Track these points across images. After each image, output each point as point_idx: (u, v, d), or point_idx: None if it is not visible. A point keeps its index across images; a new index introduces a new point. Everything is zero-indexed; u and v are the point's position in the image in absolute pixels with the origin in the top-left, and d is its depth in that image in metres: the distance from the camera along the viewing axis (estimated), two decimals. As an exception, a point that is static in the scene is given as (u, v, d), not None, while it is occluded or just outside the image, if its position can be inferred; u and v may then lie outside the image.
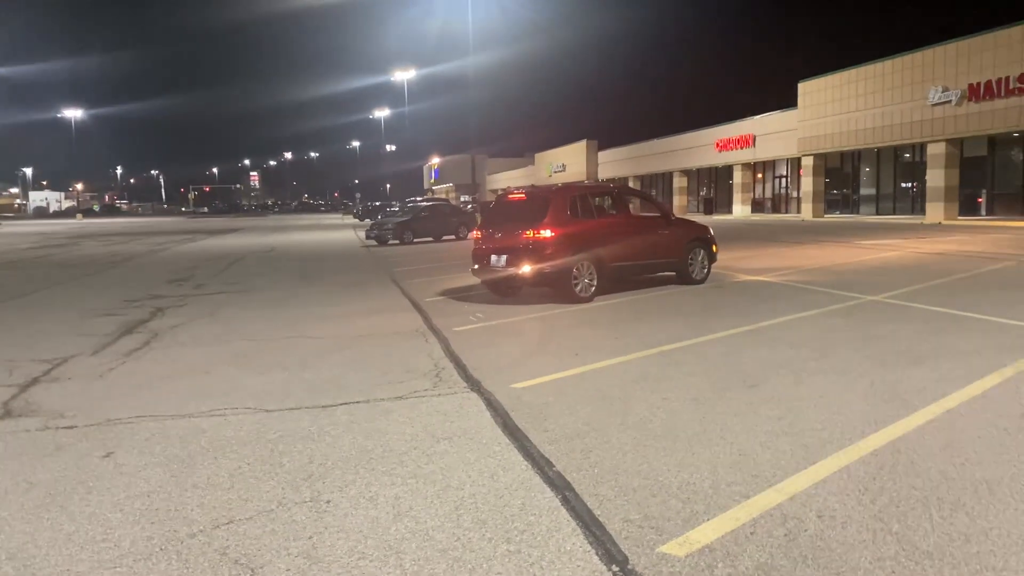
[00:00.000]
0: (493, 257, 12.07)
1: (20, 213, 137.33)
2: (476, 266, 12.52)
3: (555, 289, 11.84)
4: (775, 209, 49.90)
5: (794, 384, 6.51)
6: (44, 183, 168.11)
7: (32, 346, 9.42)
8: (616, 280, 12.64)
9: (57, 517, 4.16)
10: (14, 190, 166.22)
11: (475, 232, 12.87)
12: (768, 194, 51.43)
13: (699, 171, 58.30)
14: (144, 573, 3.48)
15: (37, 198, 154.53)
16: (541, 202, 12.02)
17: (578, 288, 11.69)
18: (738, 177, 52.11)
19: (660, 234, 13.29)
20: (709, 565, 3.40)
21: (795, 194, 47.71)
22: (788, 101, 46.42)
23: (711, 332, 8.94)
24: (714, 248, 14.06)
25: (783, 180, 49.93)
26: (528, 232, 11.69)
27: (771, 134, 48.15)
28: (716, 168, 55.64)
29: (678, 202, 58.72)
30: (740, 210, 51.48)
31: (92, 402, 6.66)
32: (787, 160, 48.17)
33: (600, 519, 3.90)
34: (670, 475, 4.49)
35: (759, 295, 12.25)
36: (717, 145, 53.44)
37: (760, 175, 52.01)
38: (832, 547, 3.53)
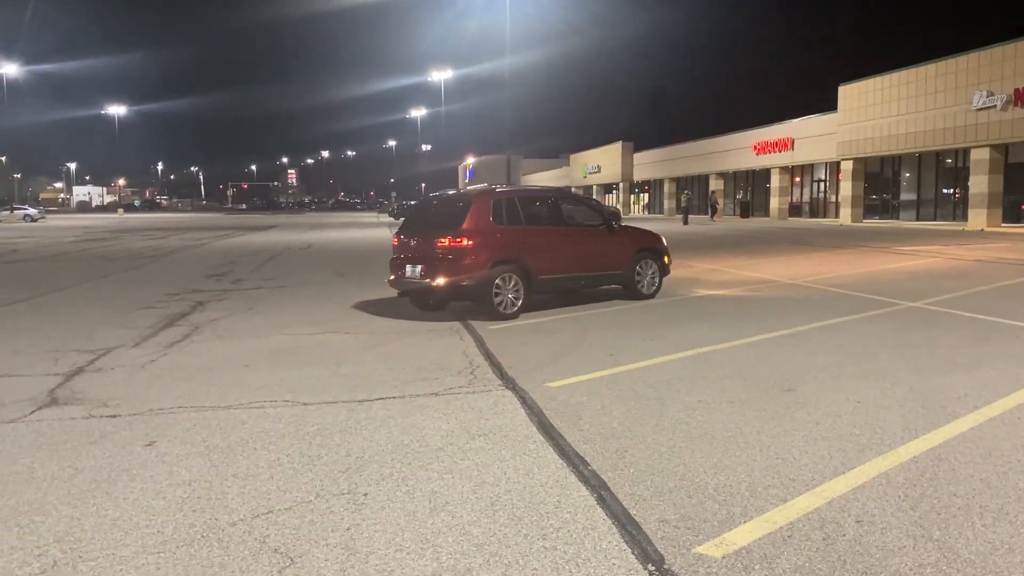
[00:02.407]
0: (408, 267, 10.84)
1: (64, 207, 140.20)
2: (392, 276, 11.24)
3: (475, 303, 10.74)
4: (813, 213, 49.33)
5: (832, 389, 6.45)
6: (87, 178, 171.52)
7: (76, 337, 9.62)
8: (547, 294, 11.55)
9: (102, 503, 4.26)
10: (58, 184, 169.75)
11: (394, 238, 11.55)
12: (806, 198, 50.86)
13: (736, 174, 57.82)
14: (186, 559, 3.55)
15: (80, 193, 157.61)
16: (461, 206, 10.86)
17: (500, 303, 10.48)
18: (775, 180, 51.59)
19: (601, 244, 11.99)
20: (746, 567, 3.38)
21: (833, 198, 47.11)
22: (828, 105, 45.92)
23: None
24: (666, 259, 12.75)
25: (821, 184, 49.35)
26: (443, 239, 10.47)
27: (810, 137, 47.61)
28: (753, 171, 55.14)
29: (718, 204, 58.22)
30: (777, 213, 50.97)
31: (135, 392, 6.79)
32: (826, 164, 47.59)
33: (636, 518, 3.90)
34: (706, 477, 4.48)
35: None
36: (755, 148, 52.96)
37: (798, 179, 51.45)
38: (871, 552, 3.49)
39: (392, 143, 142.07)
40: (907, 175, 42.18)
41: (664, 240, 12.93)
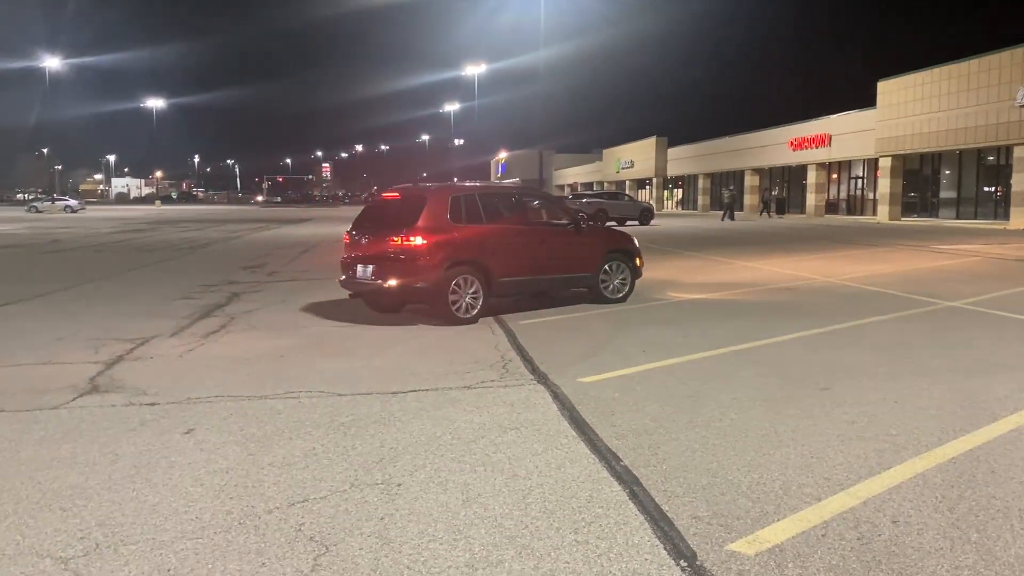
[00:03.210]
0: (359, 267, 10.18)
1: (103, 198, 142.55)
2: (342, 277, 10.60)
3: (430, 307, 10.04)
4: (850, 211, 48.69)
5: (868, 388, 6.38)
6: (126, 170, 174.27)
7: (115, 326, 9.80)
8: (508, 297, 10.83)
9: (142, 488, 4.34)
10: (98, 176, 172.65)
11: (345, 236, 10.91)
12: (843, 195, 50.22)
13: (771, 170, 57.22)
14: (224, 545, 3.61)
15: (119, 184, 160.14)
16: (415, 203, 10.17)
17: (457, 306, 9.81)
18: (812, 177, 50.99)
19: (567, 244, 11.20)
20: (779, 565, 3.37)
21: (871, 196, 46.47)
22: (866, 101, 45.27)
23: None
24: (638, 261, 11.90)
25: (859, 181, 48.68)
26: (396, 238, 9.78)
27: (848, 134, 46.97)
28: (790, 167, 54.54)
29: (749, 201, 57.74)
30: (813, 211, 50.37)
31: (173, 381, 6.91)
32: (864, 161, 46.94)
33: (668, 514, 3.90)
34: (739, 474, 4.46)
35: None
36: (791, 144, 52.38)
37: (835, 175, 50.81)
38: (907, 553, 3.46)
39: (425, 137, 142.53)
40: (947, 172, 41.47)
41: (636, 241, 12.13)
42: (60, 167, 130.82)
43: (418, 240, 9.68)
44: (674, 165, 72.17)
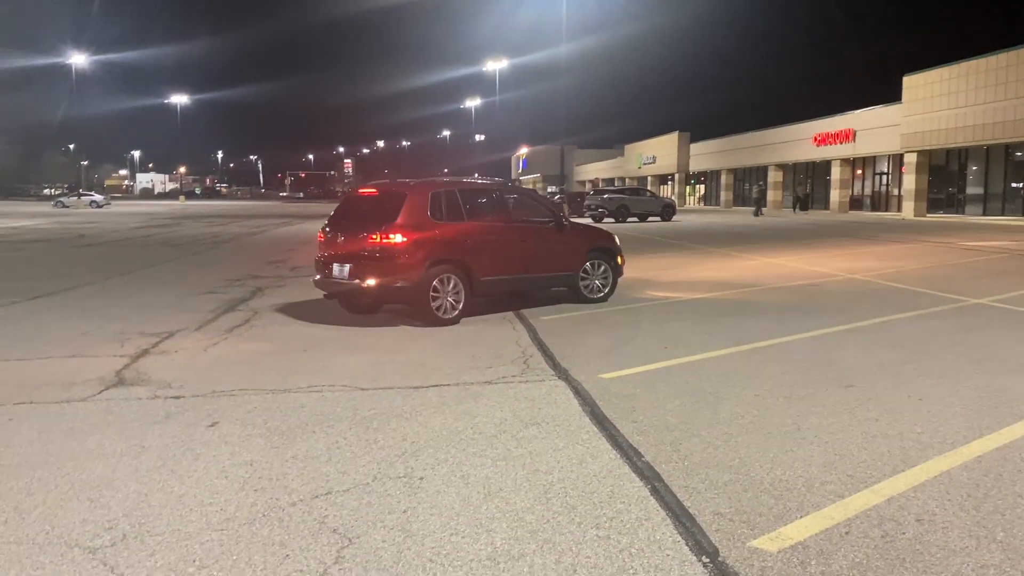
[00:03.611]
0: (335, 266, 9.71)
1: (127, 193, 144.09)
2: (317, 276, 10.14)
3: (410, 307, 9.66)
4: (874, 207, 48.22)
5: (892, 386, 6.33)
6: (150, 166, 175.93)
7: (141, 320, 9.91)
8: (491, 297, 10.45)
9: (168, 480, 4.40)
10: (123, 172, 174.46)
11: (319, 234, 10.45)
12: (867, 191, 49.73)
13: (795, 165, 56.78)
14: (248, 537, 3.65)
15: (143, 180, 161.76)
16: (394, 199, 9.72)
17: (438, 307, 9.48)
18: (836, 173, 50.54)
19: (549, 243, 10.91)
20: (802, 562, 3.35)
21: (896, 192, 45.98)
22: (891, 95, 44.79)
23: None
24: (620, 260, 11.64)
25: (884, 177, 48.19)
26: (375, 236, 9.36)
27: (872, 129, 46.51)
28: (814, 163, 54.10)
29: (772, 196, 57.34)
30: (837, 207, 49.93)
31: (197, 374, 6.98)
32: (889, 156, 46.45)
33: (690, 511, 3.89)
34: (762, 471, 4.44)
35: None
36: (815, 139, 51.94)
37: (860, 171, 50.33)
38: (932, 551, 3.43)
39: (446, 133, 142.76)
40: (974, 168, 40.93)
41: (617, 239, 11.88)
42: (86, 163, 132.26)
43: (398, 238, 9.28)
44: (697, 161, 71.78)
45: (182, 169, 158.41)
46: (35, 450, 4.93)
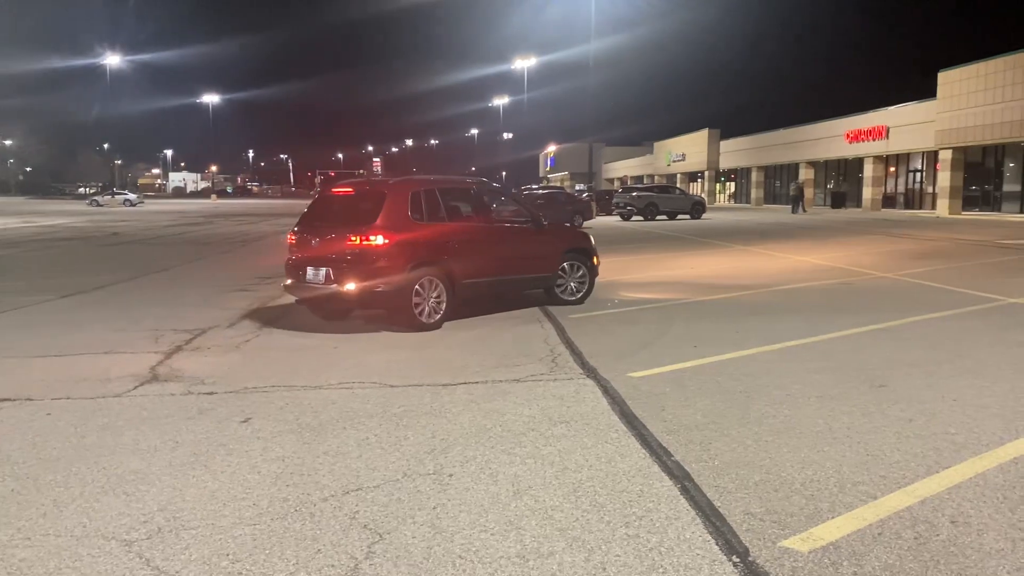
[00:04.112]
0: (310, 270, 9.17)
1: (160, 192, 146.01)
2: (289, 280, 9.58)
3: (391, 312, 9.25)
4: (908, 204, 47.54)
5: (926, 386, 6.25)
6: (182, 164, 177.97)
7: (174, 317, 10.04)
8: (471, 301, 10.06)
9: (201, 475, 4.46)
10: (156, 171, 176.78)
11: (290, 235, 9.86)
12: (901, 188, 49.05)
13: (827, 163, 56.16)
14: (281, 531, 3.69)
15: (176, 178, 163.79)
16: (374, 199, 9.33)
17: (421, 311, 9.06)
18: (869, 170, 49.90)
19: (528, 243, 10.60)
20: (834, 562, 3.33)
21: (930, 189, 45.29)
22: (925, 92, 44.12)
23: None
24: (595, 260, 11.28)
25: (918, 174, 47.50)
26: (354, 237, 8.87)
27: (906, 126, 45.84)
28: (846, 160, 53.47)
29: (807, 195, 56.72)
30: (870, 204, 49.30)
31: (230, 370, 7.07)
32: (923, 153, 45.77)
33: (720, 510, 3.87)
34: (793, 471, 4.41)
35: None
36: (847, 136, 51.32)
37: (893, 168, 49.65)
38: (966, 554, 3.39)
39: (474, 131, 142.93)
40: (1011, 165, 40.17)
41: (592, 239, 11.55)
42: (120, 162, 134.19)
43: (379, 239, 8.81)
44: (727, 158, 71.23)
45: (213, 168, 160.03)
46: (72, 444, 5.03)
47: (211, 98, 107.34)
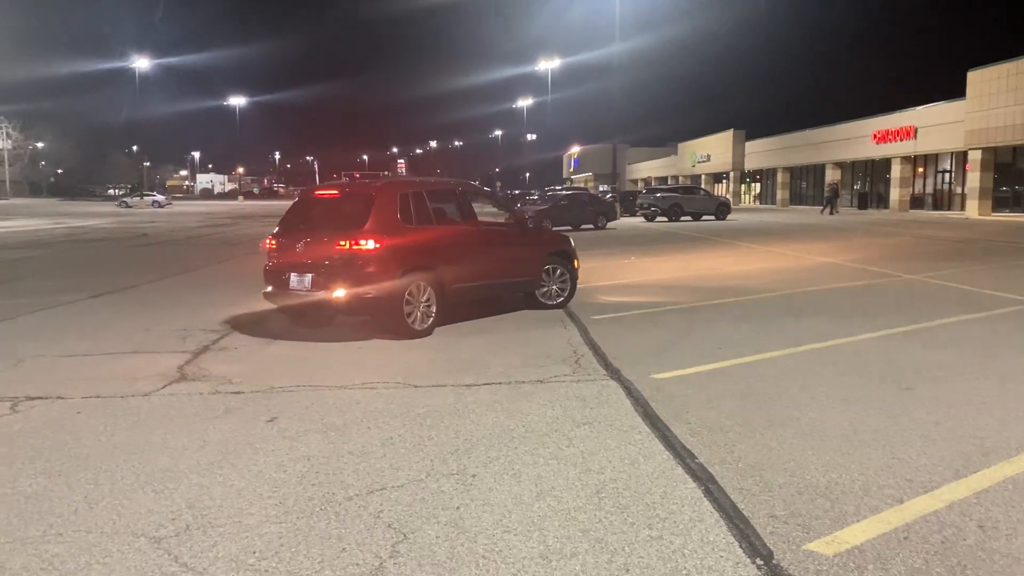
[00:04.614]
0: (294, 276, 8.74)
1: (188, 193, 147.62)
2: (269, 288, 9.10)
3: (380, 319, 8.83)
4: (936, 206, 46.96)
5: (953, 389, 6.18)
6: (209, 166, 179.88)
7: (201, 317, 10.16)
8: (459, 306, 9.72)
9: (228, 473, 4.52)
10: (183, 172, 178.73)
11: (268, 240, 9.33)
12: (929, 189, 48.47)
13: (854, 164, 55.62)
14: (306, 530, 3.73)
15: (203, 180, 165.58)
16: (361, 201, 8.97)
17: (412, 318, 8.72)
18: (896, 171, 49.35)
19: (514, 246, 10.40)
20: (859, 566, 3.31)
21: (959, 190, 44.72)
22: (953, 91, 43.56)
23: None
24: (576, 263, 11.09)
25: (946, 175, 46.91)
26: (343, 242, 8.48)
27: (934, 126, 45.29)
28: (873, 161, 52.93)
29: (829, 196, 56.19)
30: (897, 205, 48.75)
31: (256, 370, 7.15)
32: (951, 154, 45.20)
33: (744, 513, 3.86)
34: (817, 474, 4.38)
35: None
36: (874, 136, 50.80)
37: (921, 169, 49.07)
38: (994, 559, 3.36)
39: (498, 132, 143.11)
40: (1042, 166, 39.59)
41: (572, 242, 11.38)
42: (148, 164, 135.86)
43: (369, 244, 8.43)
44: (752, 159, 70.76)
45: (240, 169, 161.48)
46: (102, 442, 5.11)
47: (238, 100, 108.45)
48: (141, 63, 76.49)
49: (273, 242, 9.23)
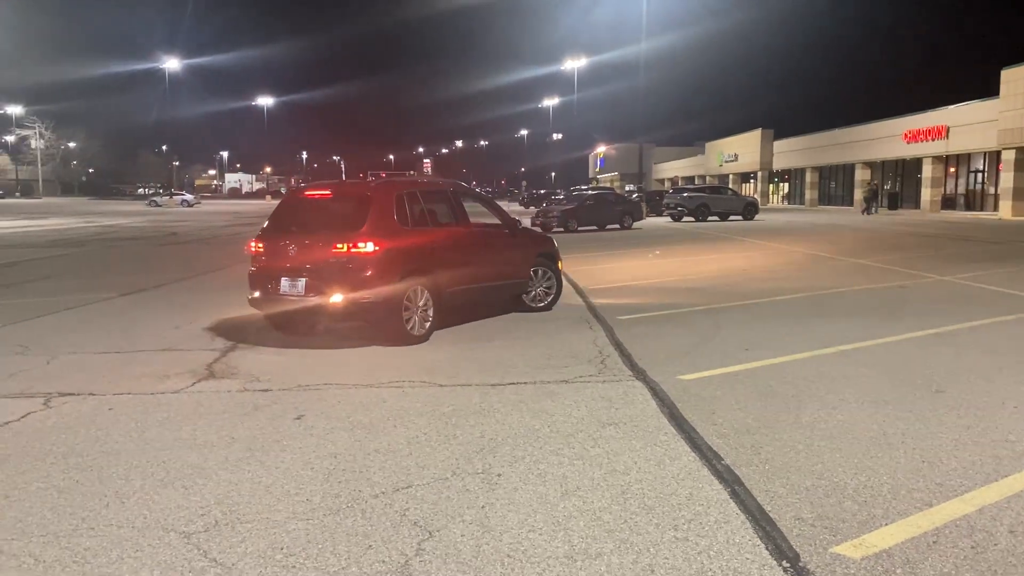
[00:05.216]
0: (285, 281, 8.33)
1: (216, 193, 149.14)
2: (257, 293, 8.66)
3: (376, 325, 8.42)
4: (968, 206, 46.29)
5: (985, 392, 6.09)
6: (238, 165, 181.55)
7: (229, 315, 10.25)
8: (454, 311, 9.38)
9: (256, 470, 4.57)
10: (211, 172, 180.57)
11: (253, 244, 8.89)
12: (961, 189, 47.78)
13: (883, 164, 54.98)
14: (333, 527, 3.76)
15: (231, 179, 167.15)
16: (357, 202, 8.62)
17: (410, 324, 8.37)
18: (927, 171, 48.71)
19: (506, 248, 10.19)
20: (887, 570, 3.28)
21: (992, 190, 44.04)
22: (987, 90, 42.90)
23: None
24: (560, 265, 10.95)
25: (979, 175, 46.21)
26: (340, 244, 8.09)
27: (967, 125, 44.64)
28: (903, 160, 52.28)
29: (859, 196, 55.64)
30: (928, 206, 48.11)
31: (284, 368, 7.21)
32: (984, 153, 44.53)
33: (771, 515, 3.84)
34: (845, 477, 4.35)
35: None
36: (905, 136, 50.16)
37: (953, 169, 48.39)
38: (1026, 565, 3.31)
39: (524, 133, 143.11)
40: (1077, 166, 38.87)
41: (556, 242, 11.25)
42: (177, 163, 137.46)
43: (369, 246, 8.07)
44: (780, 158, 70.18)
45: (268, 169, 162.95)
46: (133, 438, 5.18)
47: (265, 100, 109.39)
48: (171, 63, 77.37)
49: (259, 245, 8.77)
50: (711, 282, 13.65)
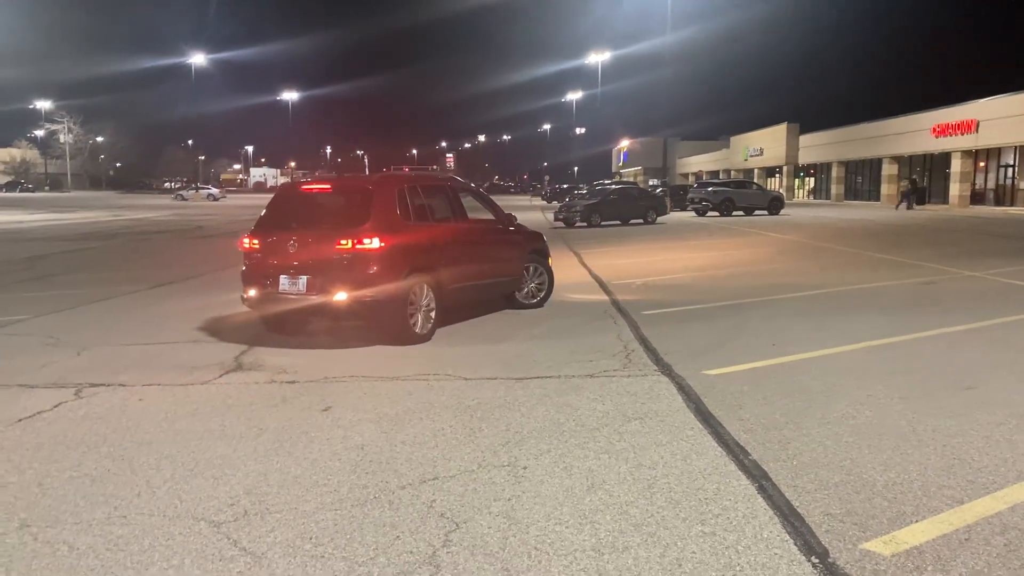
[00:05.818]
0: (284, 279, 8.02)
1: (241, 187, 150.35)
2: (252, 291, 8.31)
3: (379, 324, 8.16)
4: (998, 201, 45.60)
5: (1017, 389, 6.01)
6: (263, 160, 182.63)
7: (257, 308, 10.33)
8: (454, 308, 9.15)
9: (284, 461, 4.61)
10: (237, 166, 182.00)
11: (246, 239, 8.48)
12: (991, 184, 47.07)
13: (911, 158, 54.30)
14: (360, 518, 3.79)
15: (256, 174, 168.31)
16: (359, 197, 8.39)
17: (413, 321, 8.14)
18: (956, 165, 48.03)
19: (500, 244, 10.09)
20: (917, 567, 3.25)
21: (1022, 185, 43.37)
22: (1018, 83, 42.25)
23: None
24: (550, 261, 10.84)
25: (1009, 170, 45.52)
26: (344, 240, 7.81)
27: (997, 119, 43.95)
28: (932, 155, 51.61)
29: (886, 191, 55.02)
30: (957, 201, 47.48)
31: (311, 360, 7.26)
32: (1015, 148, 43.86)
33: (799, 510, 3.82)
34: (875, 473, 4.31)
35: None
36: (933, 130, 49.50)
37: (982, 163, 47.69)
38: (1060, 563, 3.27)
39: (547, 127, 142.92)
40: (1111, 160, 38.20)
41: (545, 238, 11.16)
42: (203, 158, 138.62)
43: (374, 243, 7.82)
44: (806, 153, 69.49)
45: (292, 163, 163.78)
46: (163, 429, 5.24)
47: (290, 95, 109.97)
48: (197, 59, 78.08)
49: (254, 241, 8.40)
50: (737, 278, 13.57)
